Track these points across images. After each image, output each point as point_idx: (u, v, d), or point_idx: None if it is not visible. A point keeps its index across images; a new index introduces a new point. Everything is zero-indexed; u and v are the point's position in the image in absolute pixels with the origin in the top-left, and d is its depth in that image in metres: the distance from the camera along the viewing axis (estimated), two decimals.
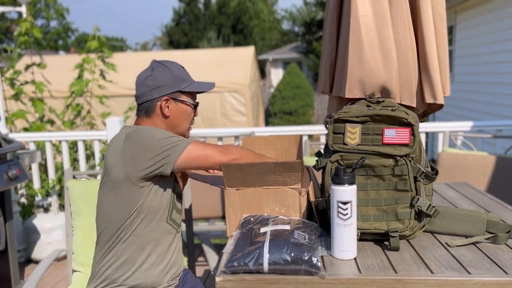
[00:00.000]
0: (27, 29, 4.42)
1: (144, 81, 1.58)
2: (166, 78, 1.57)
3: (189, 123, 1.65)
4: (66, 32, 34.26)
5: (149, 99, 1.57)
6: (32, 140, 3.88)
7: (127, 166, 1.46)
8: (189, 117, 1.64)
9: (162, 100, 1.57)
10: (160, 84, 1.57)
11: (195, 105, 1.64)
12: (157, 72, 1.58)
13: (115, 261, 1.52)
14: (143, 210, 1.51)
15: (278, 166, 1.37)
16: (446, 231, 1.41)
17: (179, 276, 1.69)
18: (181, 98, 1.60)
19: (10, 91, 4.53)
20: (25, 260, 3.60)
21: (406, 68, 1.60)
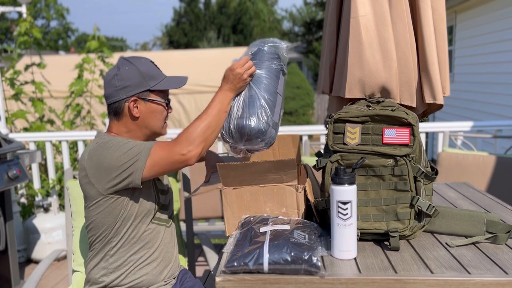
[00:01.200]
0: (27, 29, 4.42)
1: (111, 81, 1.51)
2: (133, 77, 1.49)
3: (163, 121, 1.57)
4: (66, 32, 34.25)
5: (117, 100, 1.50)
6: (32, 140, 3.88)
7: (96, 185, 1.44)
8: (162, 115, 1.56)
9: (130, 101, 1.49)
10: (127, 84, 1.49)
11: (167, 103, 1.57)
12: (123, 71, 1.49)
13: (108, 267, 1.52)
14: (126, 217, 1.49)
15: (274, 164, 1.38)
16: (446, 231, 1.41)
17: (177, 275, 1.68)
18: (150, 98, 1.51)
19: (10, 91, 4.53)
20: (25, 260, 3.60)
21: (406, 68, 1.60)
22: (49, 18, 31.76)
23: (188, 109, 8.25)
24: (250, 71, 1.47)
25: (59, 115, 4.65)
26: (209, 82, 8.28)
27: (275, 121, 1.48)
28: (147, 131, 1.55)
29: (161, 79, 1.54)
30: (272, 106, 1.48)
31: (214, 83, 8.29)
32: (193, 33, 26.55)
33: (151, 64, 1.55)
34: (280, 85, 1.53)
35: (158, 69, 1.56)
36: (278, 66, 1.53)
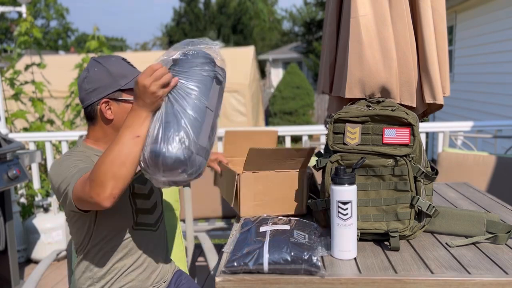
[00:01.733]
0: (27, 29, 4.42)
1: (81, 84, 1.44)
2: (102, 78, 1.41)
3: None
4: (66, 32, 34.26)
5: (89, 103, 1.43)
6: (32, 140, 3.88)
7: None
8: None
9: (101, 103, 1.41)
10: (96, 86, 1.41)
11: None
12: (92, 73, 1.42)
13: (93, 276, 1.50)
14: (100, 229, 1.45)
15: (299, 151, 1.46)
16: (446, 231, 1.41)
17: (169, 277, 1.65)
18: (122, 97, 1.42)
19: (10, 91, 4.53)
20: (25, 260, 3.60)
21: (406, 68, 1.60)
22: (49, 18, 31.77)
23: None
24: (162, 82, 1.18)
25: (59, 115, 4.65)
26: None
27: (201, 145, 1.20)
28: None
29: (133, 77, 1.43)
30: (198, 126, 1.19)
31: None
32: (193, 33, 26.56)
33: (122, 62, 1.46)
34: (212, 98, 1.23)
35: (131, 66, 1.47)
36: (209, 73, 1.24)
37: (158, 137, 1.17)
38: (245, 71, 8.77)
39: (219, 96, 1.28)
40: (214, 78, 1.25)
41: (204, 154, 1.22)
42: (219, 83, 1.27)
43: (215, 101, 1.25)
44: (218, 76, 1.26)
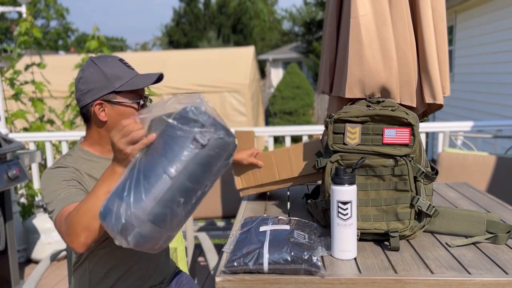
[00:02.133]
0: (27, 29, 4.42)
1: (77, 84, 1.43)
2: (97, 80, 1.39)
3: None
4: (66, 32, 34.26)
5: (83, 104, 1.42)
6: (32, 140, 3.88)
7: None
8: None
9: (95, 104, 1.39)
10: (91, 87, 1.39)
11: (138, 103, 1.43)
12: (87, 74, 1.40)
13: (91, 281, 1.49)
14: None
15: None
16: (446, 231, 1.41)
17: (167, 279, 1.64)
18: (116, 100, 1.40)
19: (10, 91, 4.53)
20: (25, 260, 3.60)
21: (406, 68, 1.60)
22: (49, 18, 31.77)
23: None
24: (129, 139, 1.10)
25: (59, 115, 4.65)
26: (209, 82, 8.29)
27: (138, 215, 1.03)
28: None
29: (128, 79, 1.40)
30: (143, 193, 1.04)
31: (214, 83, 8.30)
32: (193, 33, 26.56)
33: (118, 63, 1.43)
34: (179, 161, 1.05)
35: (127, 68, 1.44)
36: (186, 134, 1.06)
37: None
38: (245, 71, 8.77)
39: (197, 161, 1.06)
40: (193, 139, 1.06)
41: (148, 228, 1.04)
42: (201, 146, 1.06)
43: (187, 165, 1.06)
44: (199, 138, 1.06)
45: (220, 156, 1.10)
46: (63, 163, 1.43)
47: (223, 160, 1.11)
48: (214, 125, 1.08)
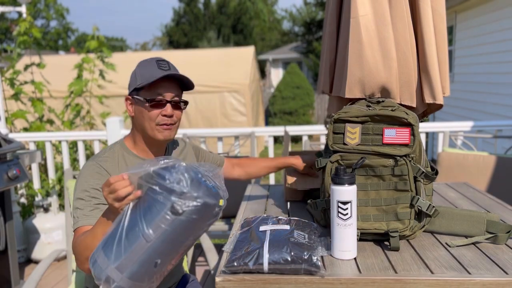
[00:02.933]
0: (27, 29, 4.42)
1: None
2: (131, 78, 1.51)
3: (151, 122, 1.47)
4: (66, 32, 34.26)
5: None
6: (32, 140, 3.88)
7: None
8: (147, 116, 1.46)
9: (125, 99, 1.53)
10: (129, 84, 1.52)
11: (155, 101, 1.46)
12: (132, 73, 1.53)
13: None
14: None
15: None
16: (446, 231, 1.41)
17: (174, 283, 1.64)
18: (136, 96, 1.48)
19: (10, 91, 4.53)
20: (25, 260, 3.60)
21: (406, 68, 1.60)
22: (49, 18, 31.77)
23: (188, 109, 8.25)
24: (115, 196, 1.13)
25: (58, 115, 4.65)
26: (209, 82, 8.29)
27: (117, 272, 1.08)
28: (141, 132, 1.51)
29: (152, 77, 1.44)
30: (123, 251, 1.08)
31: (214, 83, 8.31)
32: (193, 33, 26.56)
33: (152, 63, 1.48)
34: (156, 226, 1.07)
35: (158, 67, 1.47)
36: (165, 200, 1.07)
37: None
38: (245, 71, 8.78)
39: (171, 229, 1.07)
40: (170, 208, 1.06)
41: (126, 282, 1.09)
42: (176, 214, 1.07)
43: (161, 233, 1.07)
44: (177, 207, 1.06)
45: (202, 219, 1.11)
46: (98, 159, 1.49)
47: (207, 221, 1.14)
48: (196, 191, 1.08)
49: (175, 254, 1.13)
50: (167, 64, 1.48)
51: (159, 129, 1.48)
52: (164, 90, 1.47)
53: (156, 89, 1.46)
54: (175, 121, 1.51)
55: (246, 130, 3.84)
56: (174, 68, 1.50)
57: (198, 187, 1.09)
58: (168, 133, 1.50)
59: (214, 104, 8.29)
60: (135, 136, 1.55)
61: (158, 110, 1.47)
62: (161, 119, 1.47)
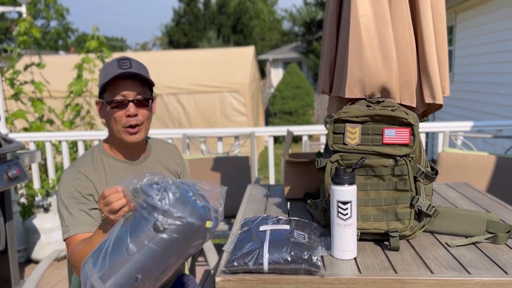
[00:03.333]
0: (26, 28, 4.41)
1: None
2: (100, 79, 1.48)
3: (119, 124, 1.43)
4: (66, 32, 34.26)
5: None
6: (32, 140, 3.88)
7: None
8: (114, 117, 1.43)
9: (96, 103, 1.51)
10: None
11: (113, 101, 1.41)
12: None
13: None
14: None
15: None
16: (446, 231, 1.41)
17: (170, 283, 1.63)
18: (101, 100, 1.46)
19: (10, 91, 4.53)
20: (25, 260, 3.60)
21: (406, 68, 1.60)
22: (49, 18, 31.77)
23: (188, 109, 8.26)
24: (109, 209, 1.16)
25: (58, 115, 4.65)
26: (209, 82, 8.29)
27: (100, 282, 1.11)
28: (112, 135, 1.50)
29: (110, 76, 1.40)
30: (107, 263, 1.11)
31: (214, 83, 8.31)
32: (193, 33, 26.55)
33: (113, 63, 1.44)
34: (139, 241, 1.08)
35: (119, 67, 1.41)
36: (150, 217, 1.08)
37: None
38: (245, 71, 8.77)
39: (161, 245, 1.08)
40: (153, 226, 1.08)
41: None
42: (157, 230, 1.08)
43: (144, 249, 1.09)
44: (158, 224, 1.07)
45: (186, 240, 1.11)
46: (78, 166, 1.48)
47: (191, 241, 1.13)
48: (180, 210, 1.08)
49: (158, 272, 1.12)
50: (128, 62, 1.42)
51: (125, 132, 1.45)
52: (125, 89, 1.42)
53: (116, 89, 1.41)
54: (142, 120, 1.46)
55: (246, 130, 3.84)
56: (137, 66, 1.44)
57: (183, 206, 1.09)
58: (135, 137, 1.46)
59: (214, 104, 8.29)
60: (110, 139, 1.54)
61: (122, 111, 1.42)
62: (126, 121, 1.43)
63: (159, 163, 1.63)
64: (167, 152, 1.68)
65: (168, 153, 1.69)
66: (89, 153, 1.54)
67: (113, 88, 1.42)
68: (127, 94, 1.43)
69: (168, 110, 8.15)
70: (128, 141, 1.46)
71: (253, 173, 3.40)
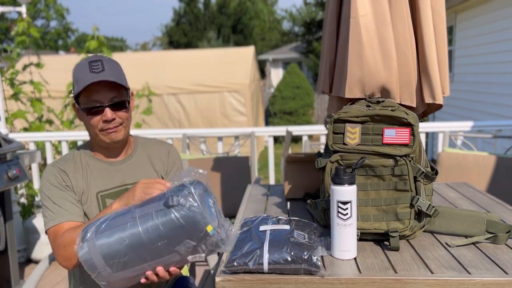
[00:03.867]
0: (25, 28, 4.41)
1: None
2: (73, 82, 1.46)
3: (95, 128, 1.42)
4: (66, 32, 34.26)
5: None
6: (32, 140, 3.88)
7: None
8: (91, 123, 1.42)
9: (73, 106, 1.49)
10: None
11: (89, 108, 1.40)
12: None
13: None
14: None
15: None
16: (446, 231, 1.41)
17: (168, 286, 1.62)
18: (76, 105, 1.45)
19: (10, 91, 4.53)
20: (25, 260, 3.60)
21: (406, 68, 1.60)
22: (49, 18, 31.76)
23: (188, 109, 8.26)
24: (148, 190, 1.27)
25: (57, 115, 4.65)
26: (209, 82, 8.29)
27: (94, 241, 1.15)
28: (92, 137, 1.49)
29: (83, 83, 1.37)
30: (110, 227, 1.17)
31: (214, 83, 8.31)
32: (193, 33, 26.54)
33: (85, 65, 1.40)
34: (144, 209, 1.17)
35: (91, 72, 1.37)
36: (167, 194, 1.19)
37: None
38: (245, 71, 8.77)
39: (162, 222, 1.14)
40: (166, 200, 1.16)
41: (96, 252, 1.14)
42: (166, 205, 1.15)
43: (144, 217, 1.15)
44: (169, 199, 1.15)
45: (183, 230, 1.14)
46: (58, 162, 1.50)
47: (187, 237, 1.15)
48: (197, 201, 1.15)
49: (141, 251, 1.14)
50: (100, 65, 1.38)
51: (103, 134, 1.44)
52: (99, 95, 1.39)
53: (90, 95, 1.39)
54: (120, 122, 1.44)
55: (246, 130, 3.84)
56: (109, 68, 1.40)
57: (200, 201, 1.16)
58: (114, 135, 1.44)
59: (214, 104, 8.29)
60: (91, 139, 1.53)
61: (99, 117, 1.41)
62: (103, 125, 1.42)
63: (142, 163, 1.58)
64: (155, 152, 1.62)
65: (157, 152, 1.62)
66: (71, 153, 1.55)
67: (87, 93, 1.39)
68: (102, 99, 1.40)
69: (168, 110, 8.15)
70: (108, 141, 1.45)
71: (253, 173, 3.40)
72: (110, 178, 1.51)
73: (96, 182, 1.49)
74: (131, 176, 1.53)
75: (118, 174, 1.52)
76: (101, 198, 1.49)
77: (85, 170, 1.50)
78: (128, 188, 1.49)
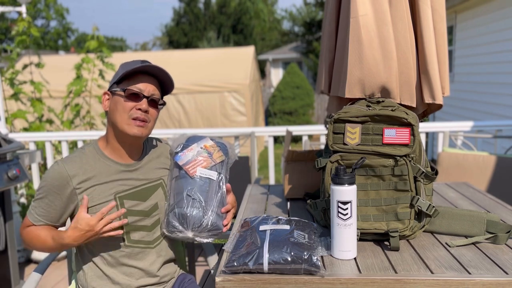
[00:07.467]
0: (25, 28, 4.41)
1: None
2: (113, 76, 1.51)
3: (124, 115, 1.44)
4: (66, 32, 34.27)
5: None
6: (32, 140, 3.88)
7: None
8: (122, 107, 1.43)
9: (103, 94, 1.52)
10: (110, 82, 1.53)
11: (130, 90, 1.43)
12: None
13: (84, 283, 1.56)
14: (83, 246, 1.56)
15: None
16: (446, 231, 1.41)
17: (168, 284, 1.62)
18: (114, 89, 1.47)
19: (10, 91, 4.53)
20: (25, 260, 3.60)
21: (406, 68, 1.60)
22: (49, 18, 31.77)
23: (188, 109, 8.26)
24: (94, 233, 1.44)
25: (58, 115, 4.65)
26: (209, 82, 8.29)
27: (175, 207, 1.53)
28: (113, 127, 1.48)
29: (130, 68, 1.44)
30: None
31: (214, 83, 8.31)
32: (193, 33, 26.54)
33: (136, 61, 1.48)
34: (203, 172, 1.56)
35: (141, 63, 1.46)
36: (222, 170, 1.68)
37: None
38: (245, 71, 8.77)
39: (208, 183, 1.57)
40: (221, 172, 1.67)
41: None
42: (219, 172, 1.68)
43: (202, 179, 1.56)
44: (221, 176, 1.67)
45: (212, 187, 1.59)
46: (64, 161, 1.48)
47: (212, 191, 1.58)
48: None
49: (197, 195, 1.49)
50: (151, 63, 1.48)
51: (130, 123, 1.44)
52: (143, 85, 1.46)
53: (135, 82, 1.46)
54: (149, 119, 1.48)
55: (246, 130, 3.84)
56: (158, 67, 1.48)
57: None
58: (139, 130, 1.45)
59: (214, 104, 8.29)
60: (108, 134, 1.52)
61: (134, 103, 1.44)
62: (134, 112, 1.44)
63: (153, 162, 1.61)
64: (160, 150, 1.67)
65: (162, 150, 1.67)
66: (80, 150, 1.52)
67: (133, 81, 1.46)
68: (144, 89, 1.47)
69: (168, 110, 8.16)
70: (130, 134, 1.44)
71: (253, 173, 3.40)
72: (126, 180, 1.51)
73: (109, 185, 1.48)
74: (147, 174, 1.56)
75: (133, 175, 1.52)
76: (119, 199, 1.48)
77: (95, 170, 1.48)
78: (144, 188, 1.54)
